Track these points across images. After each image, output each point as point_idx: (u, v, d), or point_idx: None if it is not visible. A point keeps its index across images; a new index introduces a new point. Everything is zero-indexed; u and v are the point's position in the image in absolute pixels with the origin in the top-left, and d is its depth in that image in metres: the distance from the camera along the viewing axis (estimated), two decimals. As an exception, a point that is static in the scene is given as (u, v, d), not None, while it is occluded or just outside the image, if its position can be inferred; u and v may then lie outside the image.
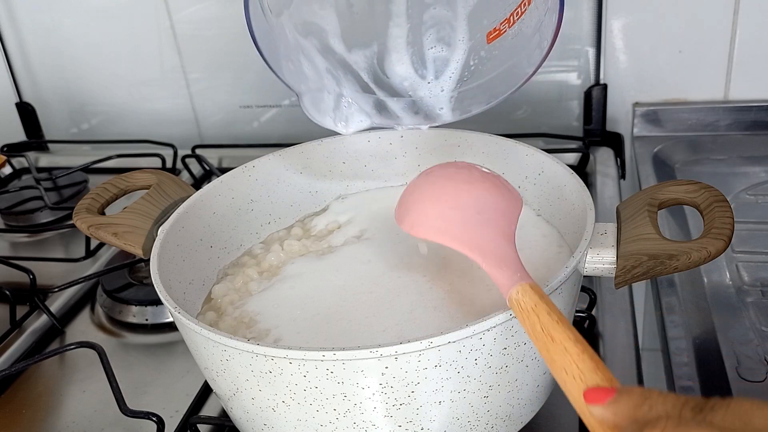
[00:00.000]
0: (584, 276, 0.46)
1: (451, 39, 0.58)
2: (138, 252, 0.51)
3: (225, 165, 0.96)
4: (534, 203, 0.56)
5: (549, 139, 0.90)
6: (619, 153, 0.89)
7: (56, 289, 0.72)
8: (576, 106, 0.94)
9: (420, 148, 0.61)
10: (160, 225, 0.52)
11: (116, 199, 0.56)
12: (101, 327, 0.70)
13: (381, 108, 0.60)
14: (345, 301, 0.49)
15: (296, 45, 0.56)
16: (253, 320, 0.49)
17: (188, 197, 0.55)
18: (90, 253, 0.79)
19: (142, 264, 0.74)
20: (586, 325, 0.60)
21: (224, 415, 0.54)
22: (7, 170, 1.05)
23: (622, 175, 0.86)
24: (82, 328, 0.70)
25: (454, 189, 0.44)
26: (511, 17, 0.53)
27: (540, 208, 0.56)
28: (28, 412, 0.60)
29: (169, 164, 0.96)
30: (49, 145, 1.11)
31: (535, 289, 0.39)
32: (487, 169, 0.46)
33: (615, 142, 0.91)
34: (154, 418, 0.53)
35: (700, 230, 0.45)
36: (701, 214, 0.46)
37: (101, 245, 0.80)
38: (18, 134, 1.12)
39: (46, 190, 0.92)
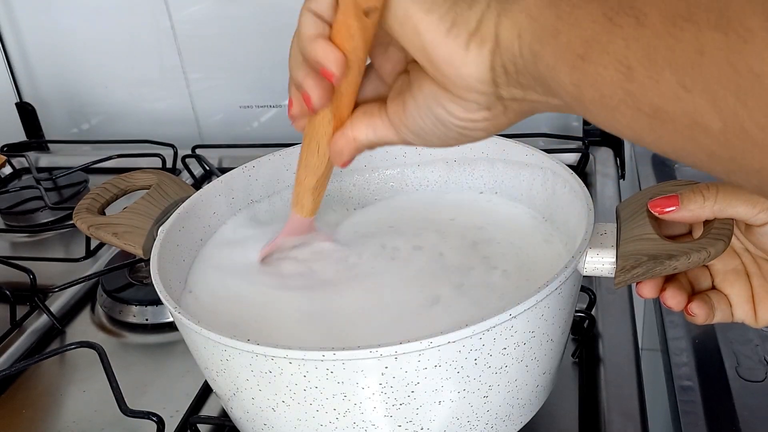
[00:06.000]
0: (584, 276, 0.46)
1: None
2: (138, 252, 0.51)
3: (225, 165, 0.96)
4: (534, 203, 0.56)
5: (549, 139, 0.90)
6: (618, 153, 0.89)
7: (56, 289, 0.72)
8: (576, 106, 0.93)
9: (420, 148, 0.61)
10: (160, 225, 0.52)
11: (116, 199, 0.56)
12: (101, 327, 0.70)
13: None
14: (344, 301, 0.49)
15: None
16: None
17: (188, 197, 0.55)
18: (90, 253, 0.79)
19: (142, 264, 0.74)
20: (585, 325, 0.60)
21: (224, 415, 0.54)
22: (7, 170, 1.05)
23: (622, 176, 0.86)
24: (82, 328, 0.70)
25: None
26: None
27: (540, 208, 0.56)
28: (28, 412, 0.60)
29: (169, 164, 0.96)
30: (49, 145, 1.11)
31: None
32: None
33: (615, 142, 0.91)
34: (154, 418, 0.53)
35: (699, 229, 0.45)
36: (701, 214, 0.46)
37: (101, 245, 0.80)
38: (18, 134, 1.12)
39: (46, 190, 0.92)
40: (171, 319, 0.68)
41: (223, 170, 0.81)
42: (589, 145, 0.88)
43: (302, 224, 0.50)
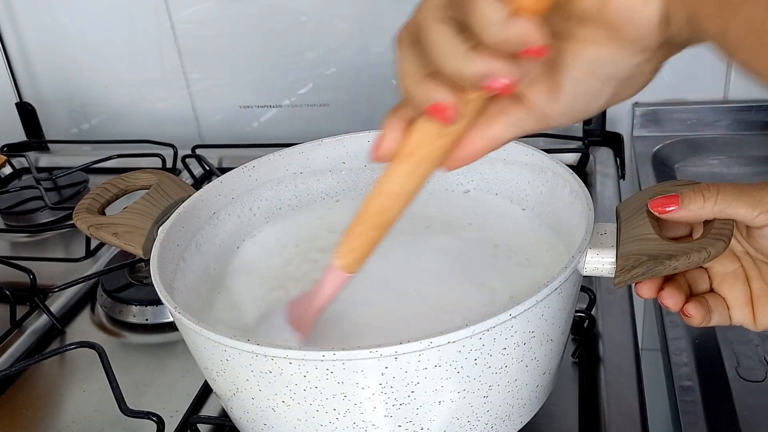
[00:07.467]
0: (584, 276, 0.46)
1: None
2: (138, 252, 0.51)
3: (225, 165, 0.96)
4: (534, 203, 0.56)
5: (549, 139, 0.90)
6: (618, 153, 0.89)
7: (56, 289, 0.72)
8: (576, 106, 0.93)
9: (420, 148, 0.61)
10: (160, 225, 0.52)
11: (116, 199, 0.56)
12: (101, 327, 0.70)
13: None
14: (343, 299, 0.49)
15: None
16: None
17: (188, 197, 0.55)
18: (90, 253, 0.79)
19: (142, 264, 0.74)
20: (585, 325, 0.60)
21: (224, 415, 0.54)
22: (7, 170, 1.05)
23: (622, 175, 0.86)
24: (82, 328, 0.70)
25: None
26: None
27: (540, 208, 0.56)
28: (28, 412, 0.60)
29: (169, 164, 0.96)
30: (49, 145, 1.11)
31: None
32: None
33: (615, 142, 0.91)
34: (154, 418, 0.53)
35: (699, 230, 0.45)
36: (701, 214, 0.46)
37: (101, 245, 0.80)
38: (18, 134, 1.12)
39: (46, 190, 0.92)
40: (171, 319, 0.68)
41: (223, 170, 0.81)
42: (589, 145, 0.88)
43: (344, 281, 0.43)
